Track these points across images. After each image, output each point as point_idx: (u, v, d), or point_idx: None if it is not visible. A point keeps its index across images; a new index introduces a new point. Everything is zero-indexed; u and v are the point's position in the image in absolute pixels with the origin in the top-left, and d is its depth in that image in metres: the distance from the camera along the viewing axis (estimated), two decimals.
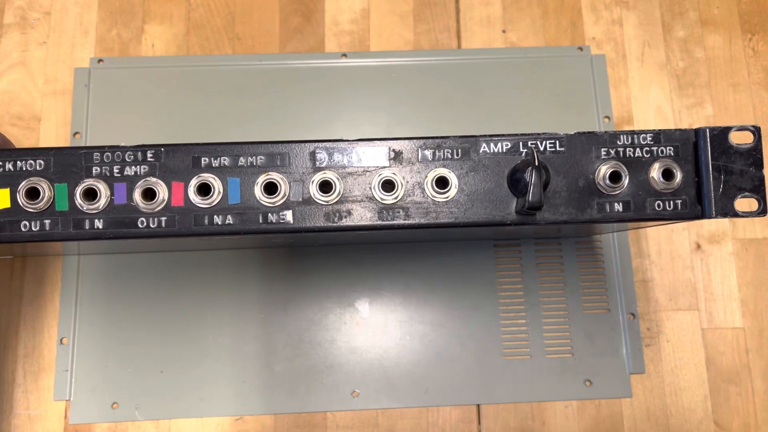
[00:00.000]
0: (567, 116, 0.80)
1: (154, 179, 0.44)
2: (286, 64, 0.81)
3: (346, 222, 0.44)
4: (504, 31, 0.84)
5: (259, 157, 0.45)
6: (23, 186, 0.43)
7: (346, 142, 0.45)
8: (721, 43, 0.84)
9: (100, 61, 0.80)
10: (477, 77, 0.81)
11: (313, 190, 0.44)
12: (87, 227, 0.44)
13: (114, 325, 0.73)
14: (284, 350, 0.73)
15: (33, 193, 0.43)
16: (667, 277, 0.77)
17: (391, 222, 0.44)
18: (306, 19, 0.83)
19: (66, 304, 0.73)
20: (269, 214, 0.44)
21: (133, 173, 0.44)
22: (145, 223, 0.44)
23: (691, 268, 0.78)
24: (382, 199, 0.44)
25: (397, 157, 0.45)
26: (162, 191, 0.44)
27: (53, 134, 0.78)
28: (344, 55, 0.81)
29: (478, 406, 0.73)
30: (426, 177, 0.45)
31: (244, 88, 0.79)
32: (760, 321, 0.77)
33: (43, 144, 0.78)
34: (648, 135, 0.46)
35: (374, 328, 0.74)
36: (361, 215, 0.44)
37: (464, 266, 0.76)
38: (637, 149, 0.45)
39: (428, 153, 0.45)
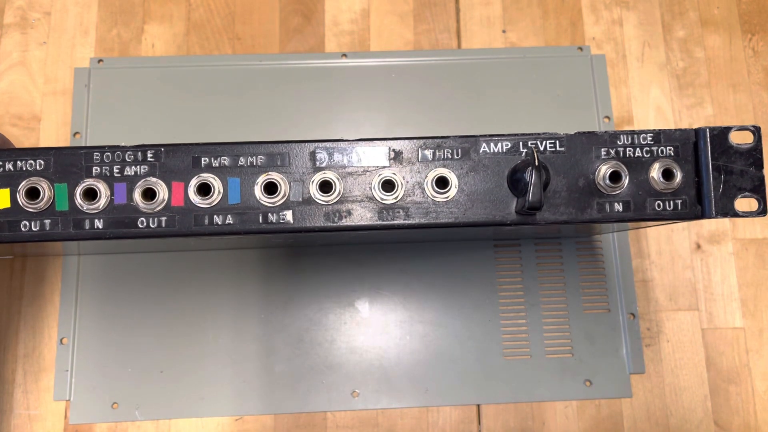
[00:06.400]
0: (567, 116, 0.80)
1: (154, 179, 0.44)
2: (286, 64, 0.81)
3: (346, 222, 0.44)
4: (504, 31, 0.84)
5: (259, 157, 0.45)
6: (23, 186, 0.43)
7: (346, 142, 0.45)
8: (721, 43, 0.84)
9: (100, 61, 0.80)
10: (477, 77, 0.81)
11: (313, 190, 0.44)
12: (87, 227, 0.44)
13: (114, 325, 0.73)
14: (284, 350, 0.73)
15: (33, 193, 0.43)
16: (667, 277, 0.77)
17: (391, 222, 0.44)
18: (306, 19, 0.83)
19: (66, 304, 0.73)
20: (269, 214, 0.44)
21: (133, 173, 0.44)
22: (145, 223, 0.44)
23: (691, 268, 0.78)
24: (382, 199, 0.44)
25: (397, 157, 0.45)
26: (162, 191, 0.44)
27: (53, 134, 0.78)
28: (344, 55, 0.81)
29: (478, 406, 0.73)
30: (426, 177, 0.45)
31: (244, 88, 0.79)
32: (760, 321, 0.77)
33: (43, 144, 0.78)
34: (648, 135, 0.46)
35: (374, 328, 0.74)
36: (361, 215, 0.44)
37: (464, 266, 0.76)
38: (637, 149, 0.45)
39: (428, 153, 0.45)
